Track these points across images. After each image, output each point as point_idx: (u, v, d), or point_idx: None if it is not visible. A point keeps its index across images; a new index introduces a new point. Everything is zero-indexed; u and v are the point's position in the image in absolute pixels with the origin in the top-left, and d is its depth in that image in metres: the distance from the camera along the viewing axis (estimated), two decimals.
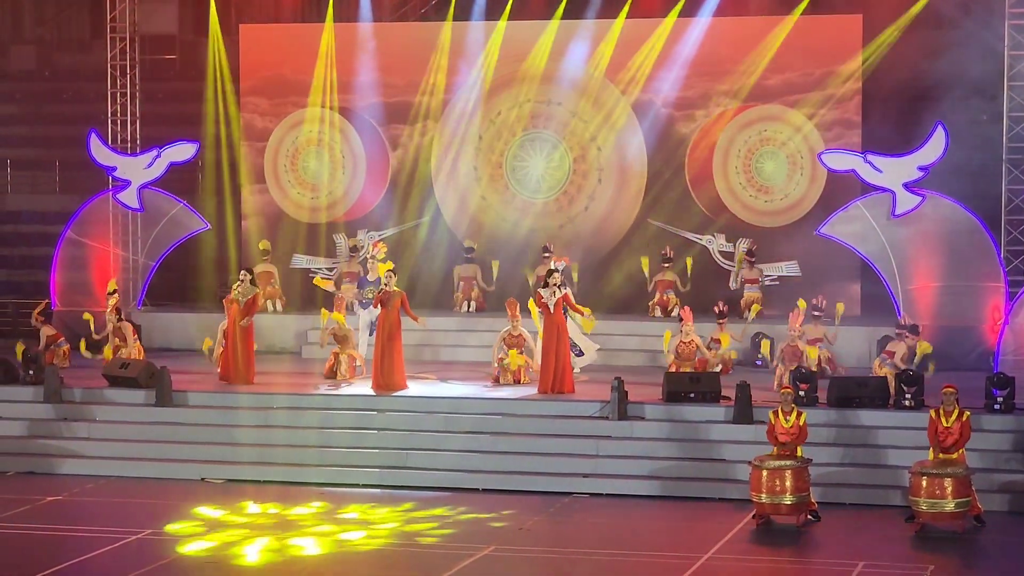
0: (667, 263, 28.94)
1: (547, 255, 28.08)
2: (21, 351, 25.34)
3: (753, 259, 28.83)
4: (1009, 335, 24.96)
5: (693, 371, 24.06)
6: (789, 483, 19.75)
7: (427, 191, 30.67)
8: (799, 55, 29.06)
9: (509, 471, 22.21)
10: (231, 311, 24.97)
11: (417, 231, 30.57)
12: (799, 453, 20.18)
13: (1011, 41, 27.04)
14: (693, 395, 22.90)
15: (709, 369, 24.71)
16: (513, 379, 24.76)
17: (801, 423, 20.19)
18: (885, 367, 23.80)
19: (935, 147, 26.63)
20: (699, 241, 29.59)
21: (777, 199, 29.45)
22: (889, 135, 28.25)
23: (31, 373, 24.87)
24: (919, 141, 26.93)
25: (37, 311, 27.45)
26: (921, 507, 19.60)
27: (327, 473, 22.46)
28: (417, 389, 24.41)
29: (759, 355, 26.07)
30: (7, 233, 34.19)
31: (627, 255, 29.74)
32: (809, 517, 20.17)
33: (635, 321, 28.51)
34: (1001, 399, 21.94)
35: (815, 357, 24.32)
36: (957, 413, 19.88)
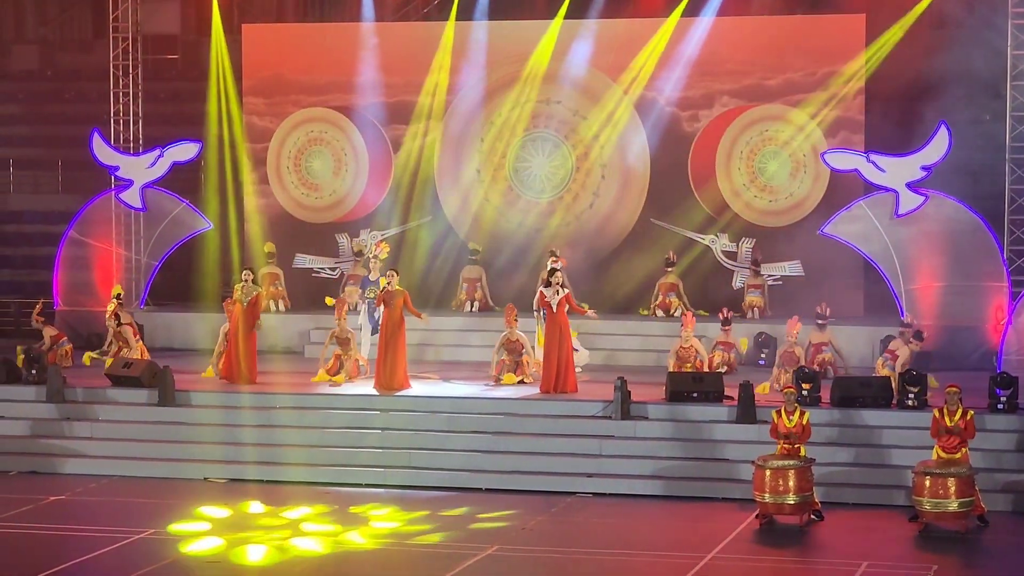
0: (670, 267, 28.91)
1: (554, 259, 27.74)
2: (21, 359, 25.29)
3: (758, 267, 28.82)
4: (1012, 335, 24.90)
5: (696, 371, 24.04)
6: (792, 483, 19.74)
7: (430, 191, 30.64)
8: (802, 55, 29.04)
9: (512, 471, 22.21)
10: (234, 312, 24.96)
11: (419, 231, 30.54)
12: (802, 453, 20.17)
13: (1014, 40, 27.03)
14: (696, 395, 22.89)
15: (714, 369, 24.72)
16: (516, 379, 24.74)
17: (804, 422, 20.17)
18: (887, 367, 23.77)
19: (938, 146, 26.58)
20: (702, 241, 29.56)
21: (780, 199, 29.42)
22: (892, 135, 28.23)
23: (34, 373, 24.86)
24: (922, 141, 26.88)
25: (36, 311, 27.42)
26: (925, 507, 19.58)
27: (330, 473, 22.44)
28: (420, 389, 24.38)
29: (762, 355, 26.02)
30: (10, 233, 34.19)
31: (629, 255, 29.70)
32: (812, 517, 20.16)
33: (637, 321, 28.49)
34: (1004, 399, 21.93)
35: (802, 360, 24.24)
36: (961, 412, 19.87)
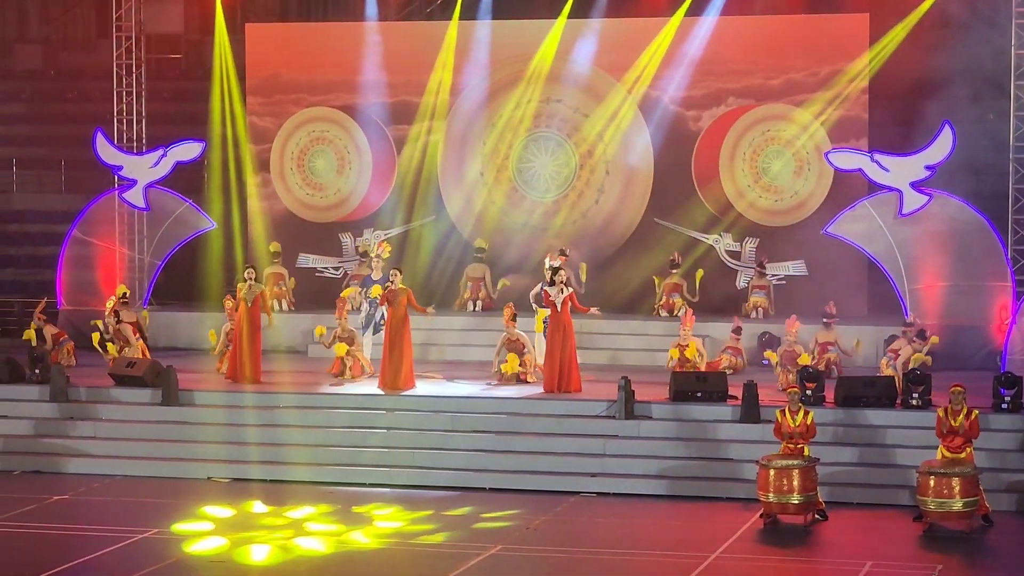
0: (675, 268, 28.89)
1: (565, 258, 27.56)
2: (31, 335, 25.41)
3: (764, 270, 28.79)
4: (1016, 334, 24.89)
5: (699, 371, 24.02)
6: (796, 482, 19.74)
7: (433, 191, 30.62)
8: (806, 54, 29.01)
9: (516, 470, 22.20)
10: (238, 313, 24.94)
11: (423, 231, 30.53)
12: (806, 452, 20.17)
13: (1018, 40, 26.99)
14: (700, 394, 22.87)
15: (720, 369, 24.74)
16: (518, 380, 24.70)
17: (808, 422, 20.17)
18: (891, 367, 23.76)
19: (942, 146, 26.53)
20: (706, 240, 29.53)
21: (784, 198, 29.39)
22: (896, 134, 28.21)
23: (37, 372, 24.86)
24: (926, 140, 26.82)
25: (39, 310, 27.37)
26: (929, 506, 19.57)
27: (333, 472, 22.44)
28: (424, 388, 24.38)
29: (765, 355, 26.01)
30: (13, 232, 34.18)
31: (633, 255, 29.68)
32: (816, 516, 20.15)
33: (640, 320, 28.47)
34: (1009, 398, 21.94)
35: (808, 361, 24.17)
36: (965, 412, 19.85)
